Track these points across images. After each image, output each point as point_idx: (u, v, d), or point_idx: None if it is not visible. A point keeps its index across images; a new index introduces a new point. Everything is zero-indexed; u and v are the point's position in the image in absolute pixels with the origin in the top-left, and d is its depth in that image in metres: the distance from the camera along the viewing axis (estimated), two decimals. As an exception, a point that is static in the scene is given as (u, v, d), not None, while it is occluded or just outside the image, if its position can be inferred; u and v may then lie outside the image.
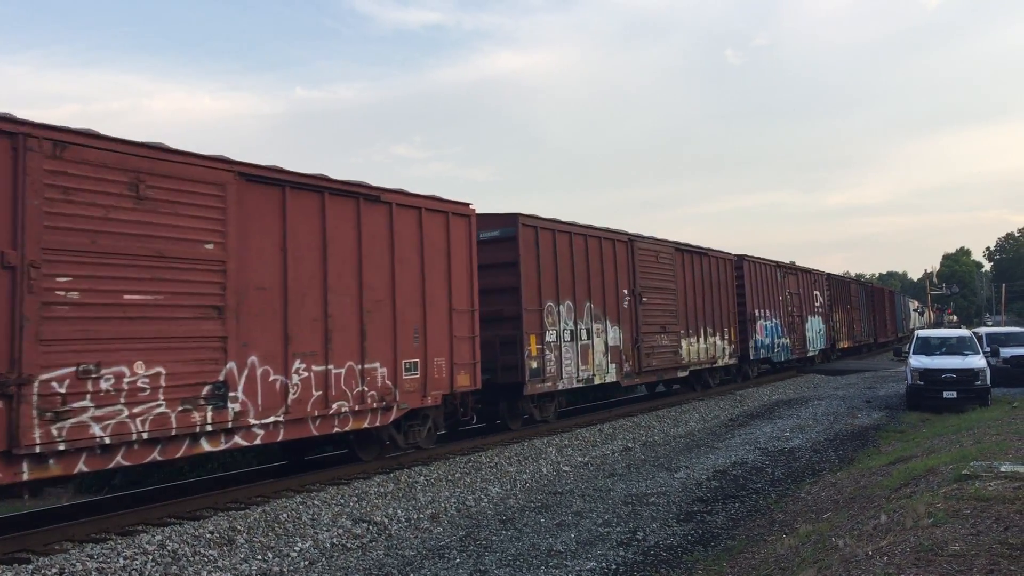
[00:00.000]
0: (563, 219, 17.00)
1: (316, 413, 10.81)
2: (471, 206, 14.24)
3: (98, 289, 8.47)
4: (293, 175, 10.80)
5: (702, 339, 22.91)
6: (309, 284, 10.95)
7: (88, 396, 8.23)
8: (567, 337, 16.68)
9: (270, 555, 8.45)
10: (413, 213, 12.83)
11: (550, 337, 16.09)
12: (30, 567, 7.59)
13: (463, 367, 13.65)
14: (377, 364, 11.90)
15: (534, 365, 15.54)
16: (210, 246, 9.67)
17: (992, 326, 56.15)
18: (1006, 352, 24.14)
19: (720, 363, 24.28)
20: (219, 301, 9.69)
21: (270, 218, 10.47)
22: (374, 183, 12.32)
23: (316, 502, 10.22)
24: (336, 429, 11.28)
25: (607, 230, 18.60)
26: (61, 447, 7.97)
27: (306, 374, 10.69)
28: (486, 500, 11.07)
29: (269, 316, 10.31)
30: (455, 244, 13.68)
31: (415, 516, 10.07)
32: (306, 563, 8.41)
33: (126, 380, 8.59)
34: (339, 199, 11.48)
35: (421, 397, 12.69)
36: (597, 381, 17.83)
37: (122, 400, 8.53)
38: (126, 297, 8.73)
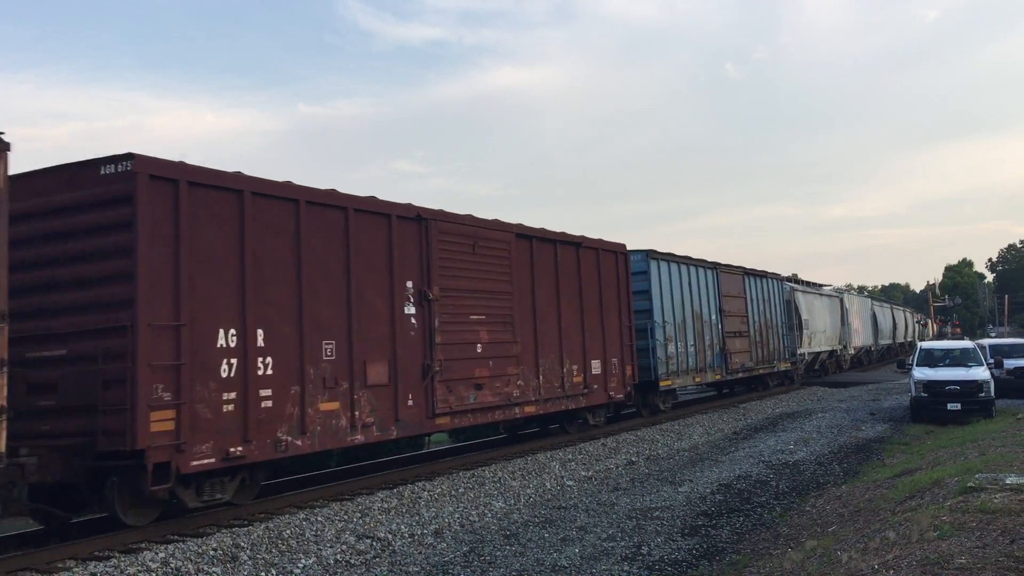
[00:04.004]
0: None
1: None
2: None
3: None
4: None
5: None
6: None
7: None
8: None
9: (273, 572, 8.43)
10: None
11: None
12: (33, 585, 7.55)
13: None
14: None
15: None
16: None
17: (995, 337, 55.49)
18: (1010, 363, 24.09)
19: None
20: None
21: None
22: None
23: (319, 518, 10.20)
24: None
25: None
26: None
27: None
28: (490, 515, 11.04)
29: None
30: None
31: (419, 532, 10.04)
32: (310, 580, 8.38)
33: None
34: None
35: None
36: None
37: None
38: None
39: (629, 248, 19.25)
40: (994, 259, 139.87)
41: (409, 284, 12.36)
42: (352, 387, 11.11)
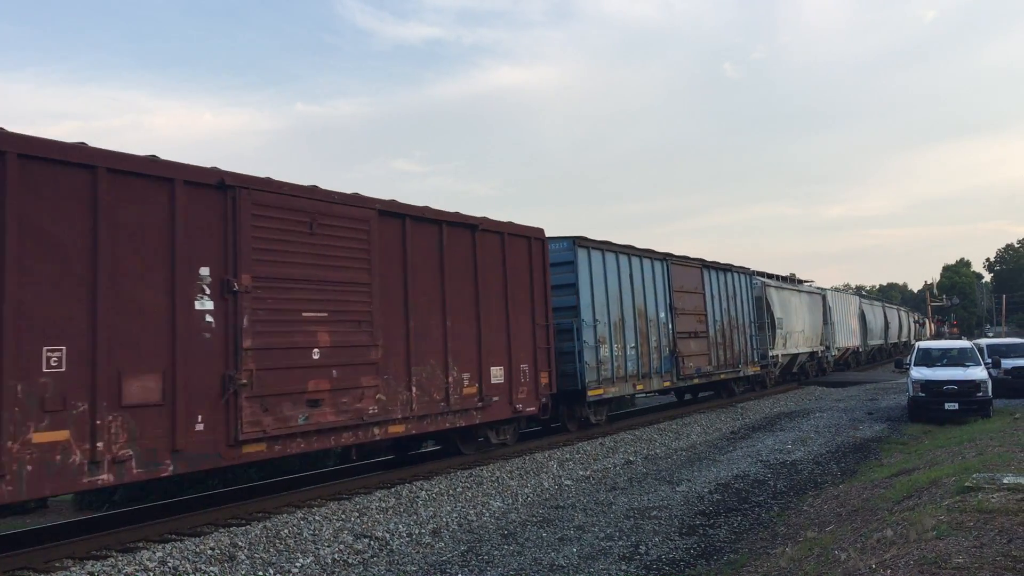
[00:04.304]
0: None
1: None
2: None
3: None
4: None
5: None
6: None
7: None
8: None
9: (271, 571, 8.42)
10: None
11: None
12: (30, 585, 7.51)
13: None
14: None
15: None
16: None
17: (993, 337, 55.24)
18: (1007, 363, 24.13)
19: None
20: None
21: None
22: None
23: (317, 517, 10.19)
24: None
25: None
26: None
27: None
28: (488, 514, 11.04)
29: None
30: None
31: (416, 531, 10.04)
32: (307, 579, 8.38)
33: None
34: None
35: None
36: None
37: None
38: None
39: (554, 235, 16.64)
40: (992, 259, 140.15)
41: (204, 271, 9.53)
42: (95, 409, 8.27)
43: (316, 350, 10.70)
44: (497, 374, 14.11)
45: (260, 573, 8.36)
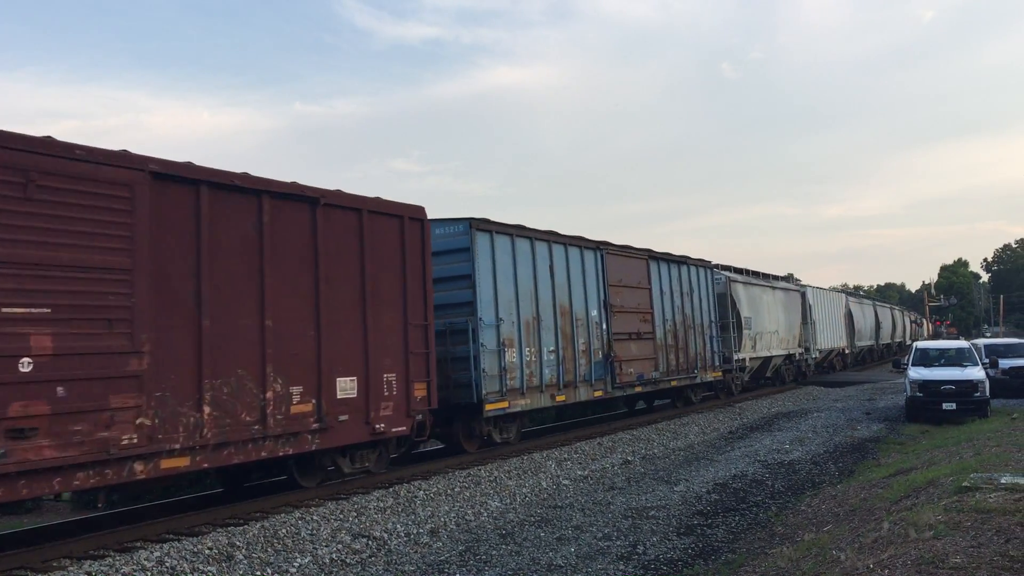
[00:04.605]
0: None
1: None
2: None
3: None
4: None
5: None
6: None
7: None
8: None
9: (269, 571, 8.42)
10: None
11: None
12: (28, 584, 7.50)
13: None
14: None
15: None
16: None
17: (990, 337, 55.14)
18: (1005, 363, 24.18)
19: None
20: None
21: None
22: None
23: (315, 517, 10.19)
24: None
25: None
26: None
27: None
28: (486, 514, 11.04)
29: None
30: None
31: (414, 531, 10.03)
32: (305, 579, 8.37)
33: None
34: None
35: None
36: None
37: None
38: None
39: (452, 216, 14.39)
40: (989, 259, 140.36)
41: None
42: None
43: (26, 360, 7.89)
44: (347, 387, 11.31)
45: (258, 573, 8.36)
